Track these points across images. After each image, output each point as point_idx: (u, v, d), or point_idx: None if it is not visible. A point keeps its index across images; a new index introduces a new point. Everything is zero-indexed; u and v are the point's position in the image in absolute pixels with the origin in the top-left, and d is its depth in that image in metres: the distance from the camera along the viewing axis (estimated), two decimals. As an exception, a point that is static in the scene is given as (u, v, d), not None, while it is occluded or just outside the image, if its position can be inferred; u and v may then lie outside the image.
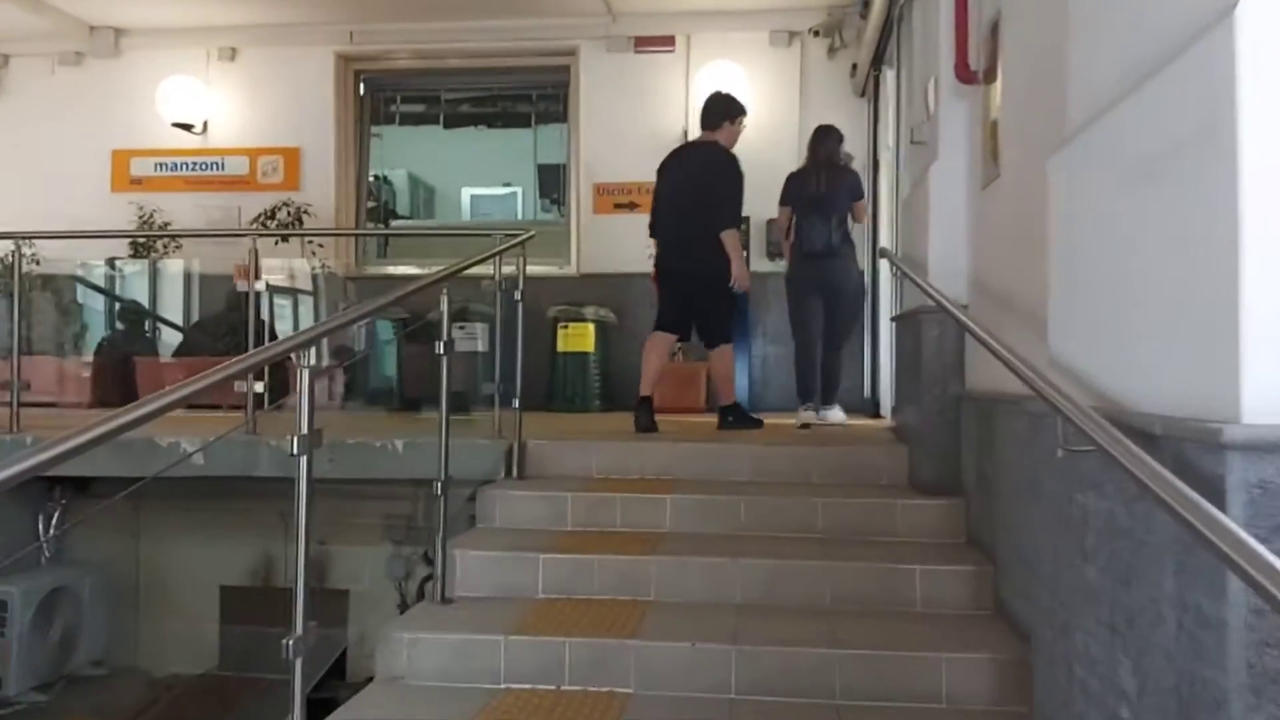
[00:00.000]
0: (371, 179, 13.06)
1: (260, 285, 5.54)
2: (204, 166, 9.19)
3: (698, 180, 6.02)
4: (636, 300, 8.67)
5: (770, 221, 8.51)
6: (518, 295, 5.16)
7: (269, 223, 8.54)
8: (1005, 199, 3.67)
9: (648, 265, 8.24)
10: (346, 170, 9.15)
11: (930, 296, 3.87)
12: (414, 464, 4.76)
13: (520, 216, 13.49)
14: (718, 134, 6.22)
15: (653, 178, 7.00)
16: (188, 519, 6.12)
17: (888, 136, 7.24)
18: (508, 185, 13.47)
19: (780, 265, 8.55)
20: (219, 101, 9.24)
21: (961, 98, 4.41)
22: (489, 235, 5.56)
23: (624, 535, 4.29)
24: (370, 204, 11.16)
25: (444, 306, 4.32)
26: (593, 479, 4.77)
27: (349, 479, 4.86)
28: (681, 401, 8.15)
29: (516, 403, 4.96)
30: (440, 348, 4.25)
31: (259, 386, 5.06)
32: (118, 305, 8.89)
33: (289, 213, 8.58)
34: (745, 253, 8.06)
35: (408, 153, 13.43)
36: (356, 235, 8.82)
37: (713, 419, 6.71)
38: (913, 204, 5.05)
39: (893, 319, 5.58)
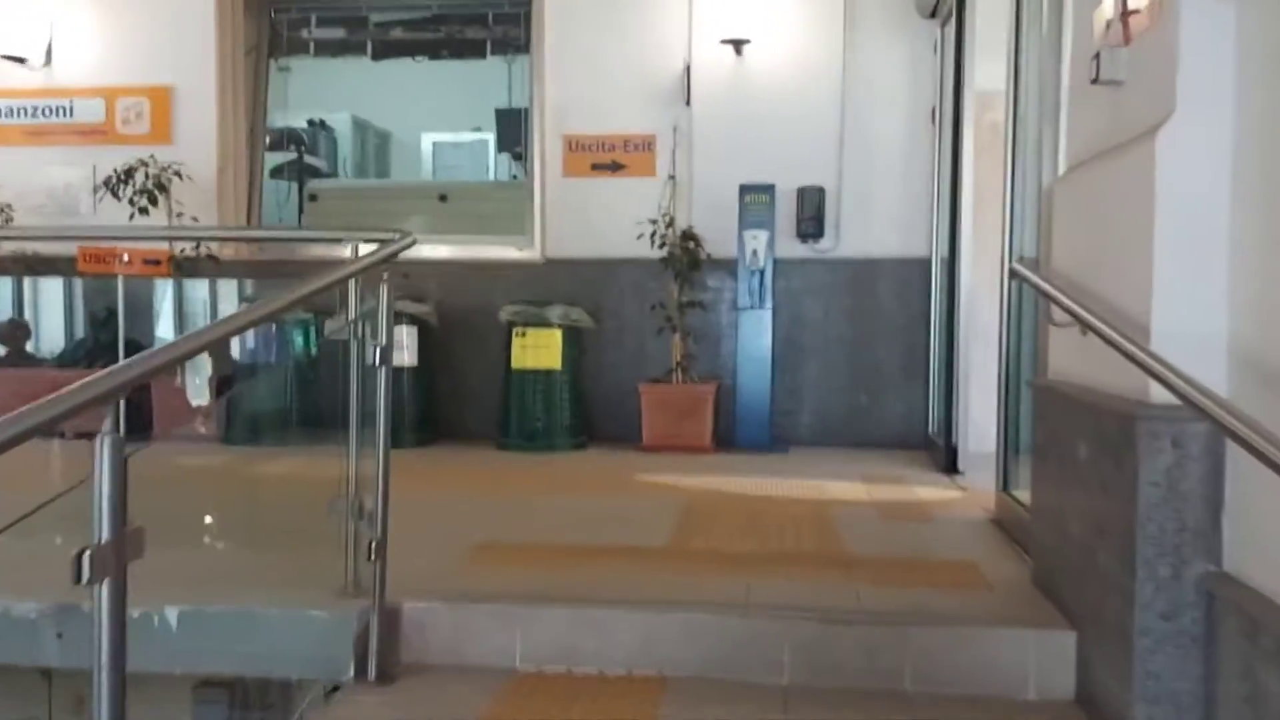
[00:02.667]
0: (305, 124, 10.92)
1: None
2: (46, 112, 7.07)
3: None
4: (622, 296, 6.55)
5: (803, 191, 6.34)
6: (376, 351, 3.06)
7: (120, 189, 6.35)
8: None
9: (638, 247, 6.13)
10: (235, 116, 6.97)
11: (1171, 387, 1.98)
12: (197, 651, 2.71)
13: (493, 171, 11.30)
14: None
15: (646, 127, 4.89)
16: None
17: (978, 75, 5.03)
18: (478, 130, 11.26)
19: (816, 249, 6.43)
20: (65, 25, 7.01)
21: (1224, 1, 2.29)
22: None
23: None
24: (289, 155, 8.98)
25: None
26: (516, 679, 2.71)
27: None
28: (681, 436, 6.06)
29: (382, 529, 2.94)
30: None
31: None
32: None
33: (147, 175, 6.37)
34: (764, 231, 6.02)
35: (342, 92, 11.26)
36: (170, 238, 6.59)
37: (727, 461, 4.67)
38: (1095, 195, 2.89)
39: (1032, 386, 3.40)
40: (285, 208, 8.76)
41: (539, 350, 6.35)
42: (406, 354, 6.53)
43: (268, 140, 10.36)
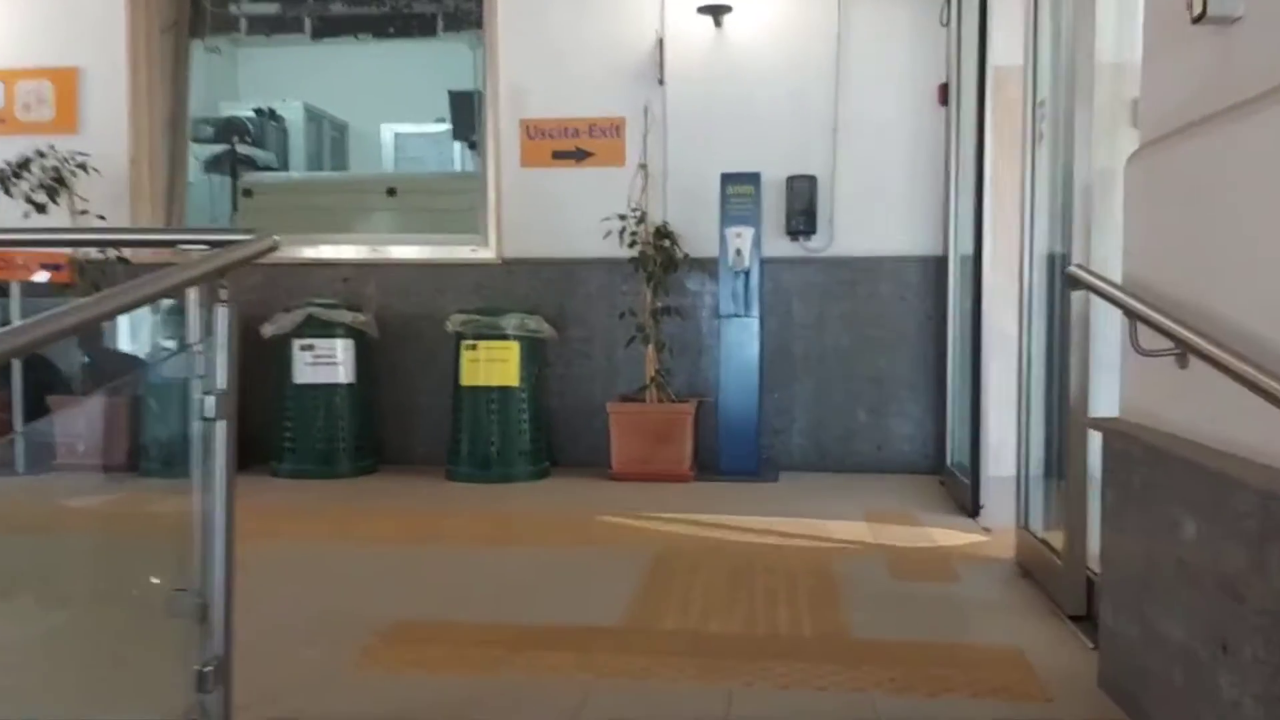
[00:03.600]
0: (252, 113, 10.09)
1: None
2: (-65, 98, 6.19)
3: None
4: (589, 301, 5.78)
5: (793, 181, 5.58)
6: (213, 402, 2.17)
7: (11, 183, 5.54)
8: None
9: (606, 246, 5.37)
10: (150, 101, 6.14)
11: None
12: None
13: (460, 164, 10.48)
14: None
15: (614, 109, 4.20)
16: None
17: (997, 48, 4.28)
18: (442, 121, 10.44)
19: (808, 247, 5.68)
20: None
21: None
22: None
23: None
24: (221, 149, 8.15)
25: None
26: None
27: None
28: (655, 463, 5.31)
29: (225, 643, 2.12)
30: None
31: None
32: None
33: (44, 169, 5.56)
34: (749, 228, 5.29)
35: (296, 79, 10.41)
36: None
37: (709, 491, 3.94)
38: (1194, 177, 2.11)
39: (1101, 430, 2.60)
40: (219, 204, 7.93)
41: (493, 365, 5.55)
42: (342, 370, 5.73)
43: (211, 131, 9.64)
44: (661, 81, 5.83)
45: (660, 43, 5.81)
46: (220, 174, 7.98)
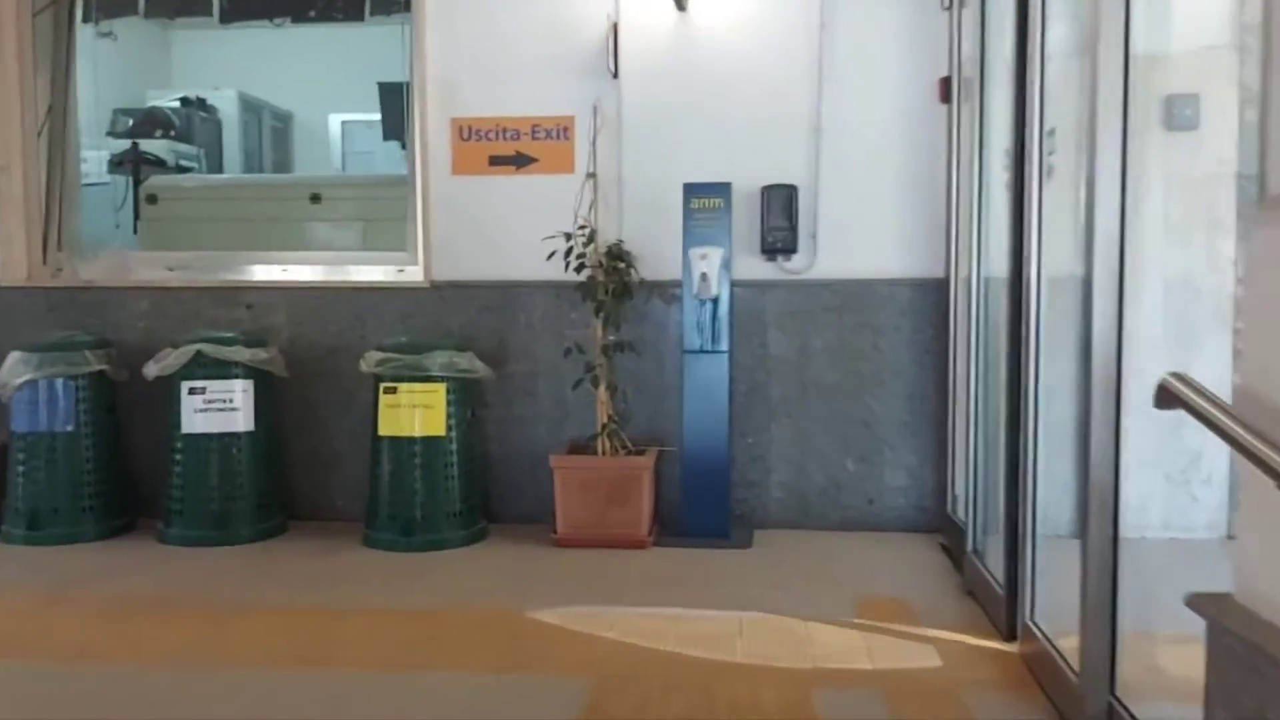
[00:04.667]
0: (176, 102, 9.19)
1: None
2: None
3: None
4: (532, 331, 4.97)
5: (769, 192, 4.77)
6: None
7: None
8: None
9: (553, 267, 4.58)
10: (21, 96, 5.26)
11: None
12: None
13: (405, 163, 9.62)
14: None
15: (561, 107, 3.47)
16: None
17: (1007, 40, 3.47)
18: (385, 113, 9.57)
19: (787, 269, 4.90)
20: None
21: None
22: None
23: None
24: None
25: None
26: None
27: None
28: (608, 525, 4.53)
29: None
30: None
31: None
32: None
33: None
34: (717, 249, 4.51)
35: (230, 63, 9.55)
36: None
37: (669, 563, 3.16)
38: None
39: (1204, 615, 1.76)
40: (124, 212, 7.02)
41: (416, 412, 4.70)
42: (240, 416, 4.86)
43: (129, 124, 8.70)
44: (615, 75, 4.97)
45: (614, 30, 4.95)
46: (125, 176, 7.07)
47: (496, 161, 5.13)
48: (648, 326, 5.04)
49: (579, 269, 4.72)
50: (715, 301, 4.74)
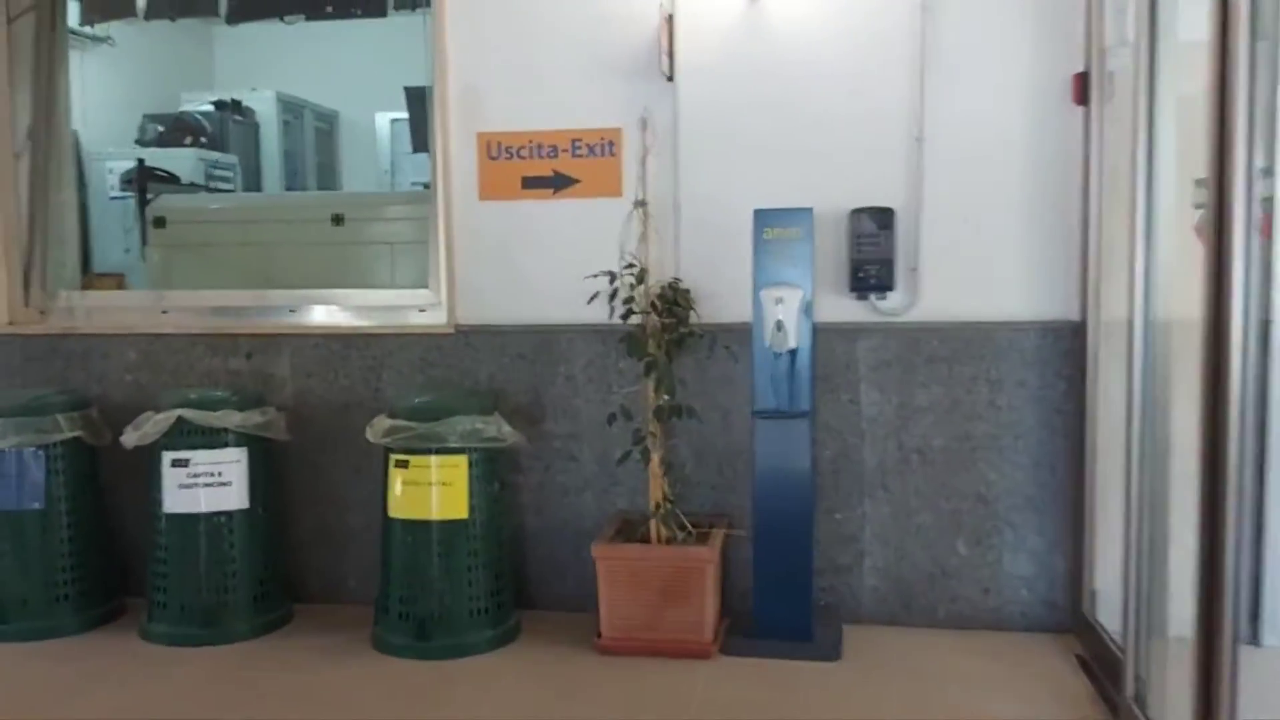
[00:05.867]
0: (209, 106, 8.56)
1: None
2: None
3: None
4: (573, 384, 4.20)
5: (859, 217, 3.85)
6: None
7: None
8: None
9: (597, 308, 3.77)
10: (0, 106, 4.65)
11: None
12: None
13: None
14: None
15: (606, 118, 2.69)
16: None
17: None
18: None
19: (882, 310, 3.95)
20: None
21: None
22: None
23: None
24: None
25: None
26: None
27: None
28: (662, 629, 3.71)
29: None
30: None
31: None
32: None
33: None
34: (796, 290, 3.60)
35: (272, 61, 8.93)
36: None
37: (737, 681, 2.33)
38: None
39: None
40: (132, 236, 6.36)
41: (433, 490, 3.91)
42: (232, 491, 4.13)
43: (157, 133, 8.09)
44: (670, 77, 4.09)
45: (668, 23, 4.07)
46: (136, 190, 6.39)
47: (530, 184, 4.29)
48: (710, 380, 4.17)
49: (626, 315, 3.86)
50: (793, 355, 3.85)
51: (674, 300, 3.92)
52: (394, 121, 9.42)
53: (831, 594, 4.17)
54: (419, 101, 5.53)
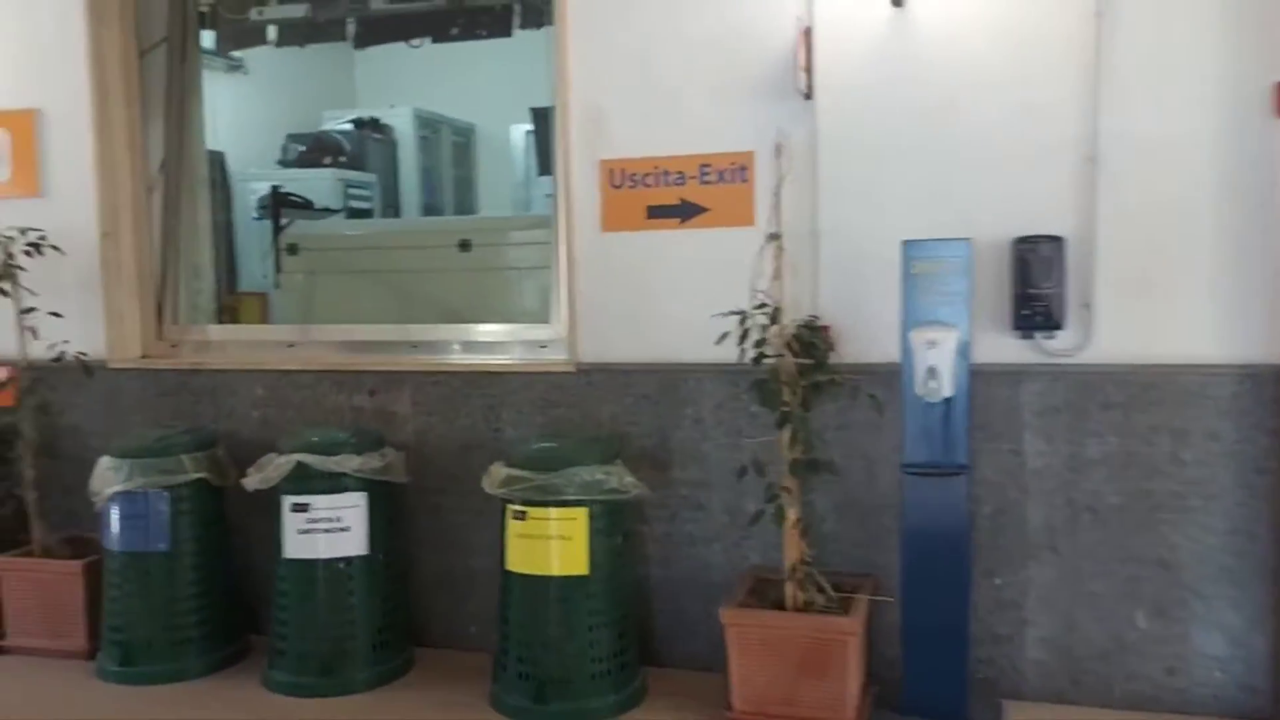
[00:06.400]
0: (349, 125, 8.60)
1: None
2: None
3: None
4: (701, 428, 3.92)
5: (1023, 246, 3.37)
6: None
7: None
8: None
9: (724, 349, 3.44)
10: (132, 147, 4.72)
11: None
12: None
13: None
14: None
15: (738, 141, 3.24)
16: None
17: None
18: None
19: (1050, 351, 3.46)
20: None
21: None
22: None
23: None
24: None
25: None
26: None
27: None
28: (799, 704, 3.48)
29: None
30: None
31: None
32: None
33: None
34: (950, 330, 3.18)
35: (412, 77, 8.91)
36: None
37: None
38: None
39: None
40: (269, 262, 6.36)
41: (551, 544, 3.67)
42: (352, 537, 3.99)
43: (297, 153, 8.15)
44: (808, 95, 3.73)
45: (806, 36, 3.71)
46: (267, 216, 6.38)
47: (656, 213, 4.00)
48: (852, 425, 3.79)
49: (758, 359, 3.52)
50: (948, 404, 3.44)
51: (811, 341, 3.56)
52: (529, 133, 9.29)
53: (989, 667, 3.73)
54: (544, 122, 5.32)
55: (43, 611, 4.39)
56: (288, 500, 3.99)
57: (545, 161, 5.83)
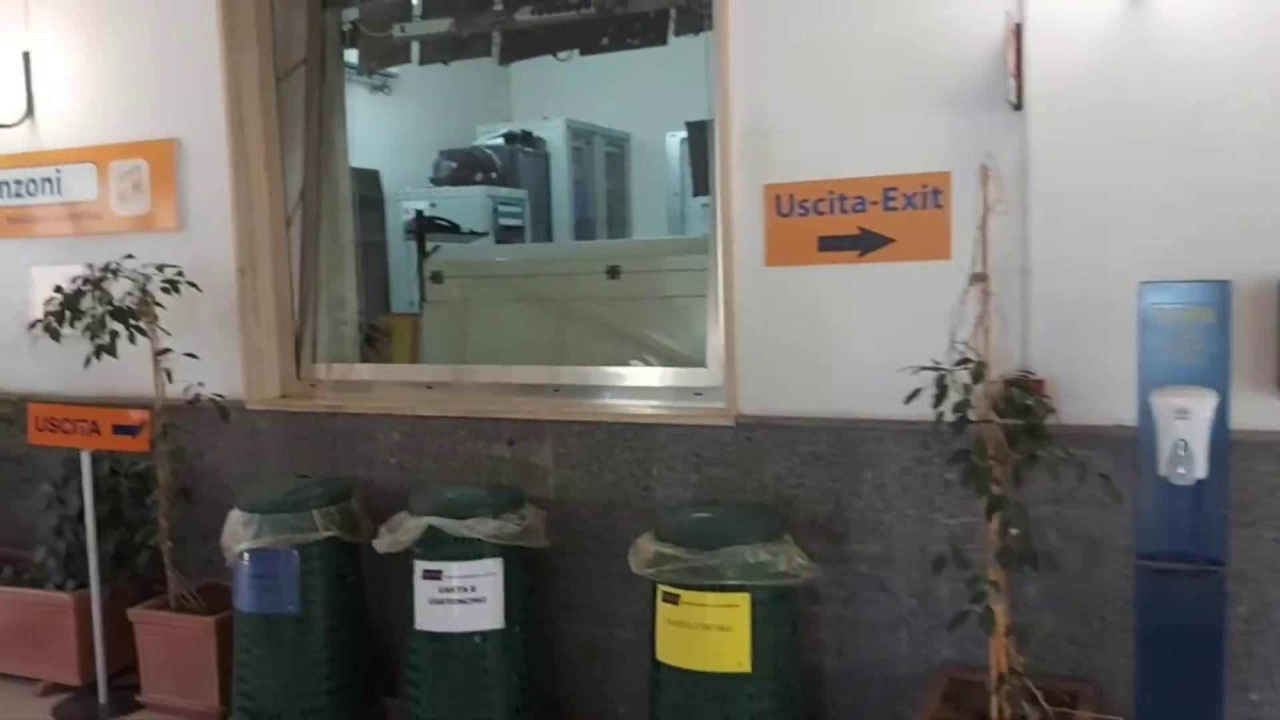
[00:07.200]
0: (500, 139, 8.30)
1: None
2: (29, 189, 4.74)
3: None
4: (884, 495, 3.33)
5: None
6: None
7: (61, 323, 4.03)
8: None
9: (915, 403, 2.85)
10: (270, 176, 4.50)
11: None
12: None
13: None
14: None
15: (928, 161, 2.58)
16: None
17: None
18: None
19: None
20: (48, 62, 4.75)
21: None
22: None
23: None
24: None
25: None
26: None
27: None
28: None
29: None
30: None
31: None
32: None
33: (100, 297, 3.97)
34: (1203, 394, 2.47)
35: (565, 89, 8.55)
36: None
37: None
38: None
39: None
40: (414, 289, 6.05)
41: (708, 636, 3.16)
42: (488, 609, 3.58)
43: (450, 170, 7.90)
44: (1018, 106, 3.09)
45: (1016, 35, 3.07)
46: (410, 236, 6.07)
47: (830, 245, 3.43)
48: (1071, 501, 3.14)
49: (958, 424, 2.91)
50: (1200, 486, 2.76)
51: (1025, 402, 2.92)
52: (683, 141, 8.80)
53: (1245, 799, 3.03)
54: (700, 137, 4.81)
55: (176, 668, 4.17)
56: (419, 566, 3.61)
57: (701, 181, 5.31)
